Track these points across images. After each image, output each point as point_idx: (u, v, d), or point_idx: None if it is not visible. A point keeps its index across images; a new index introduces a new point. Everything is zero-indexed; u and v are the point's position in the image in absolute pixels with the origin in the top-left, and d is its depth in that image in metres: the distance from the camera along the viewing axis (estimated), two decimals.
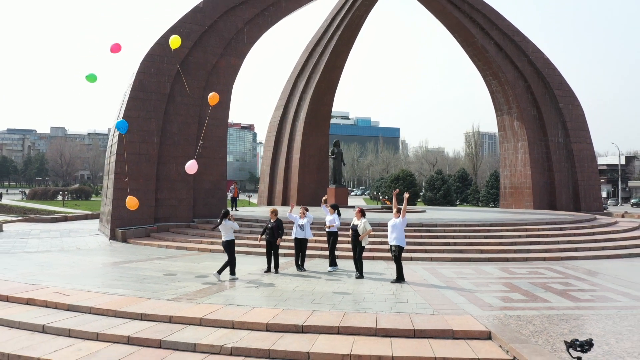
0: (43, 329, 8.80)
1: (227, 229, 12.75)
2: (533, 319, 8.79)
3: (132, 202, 14.62)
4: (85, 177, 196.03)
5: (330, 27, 35.48)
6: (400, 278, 12.12)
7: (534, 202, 33.51)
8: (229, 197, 29.88)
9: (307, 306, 9.69)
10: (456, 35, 33.84)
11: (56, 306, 9.92)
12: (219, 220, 12.88)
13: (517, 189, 34.88)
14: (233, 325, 8.61)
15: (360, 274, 12.75)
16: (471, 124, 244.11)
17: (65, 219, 33.40)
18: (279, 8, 26.61)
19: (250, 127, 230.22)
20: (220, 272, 12.61)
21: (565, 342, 5.99)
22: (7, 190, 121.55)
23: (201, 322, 8.77)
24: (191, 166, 15.20)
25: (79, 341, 8.27)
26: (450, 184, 76.90)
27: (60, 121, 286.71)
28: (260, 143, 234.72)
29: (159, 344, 8.00)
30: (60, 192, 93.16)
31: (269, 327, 8.46)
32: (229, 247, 12.76)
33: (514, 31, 33.34)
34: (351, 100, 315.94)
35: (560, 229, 20.45)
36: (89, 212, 37.67)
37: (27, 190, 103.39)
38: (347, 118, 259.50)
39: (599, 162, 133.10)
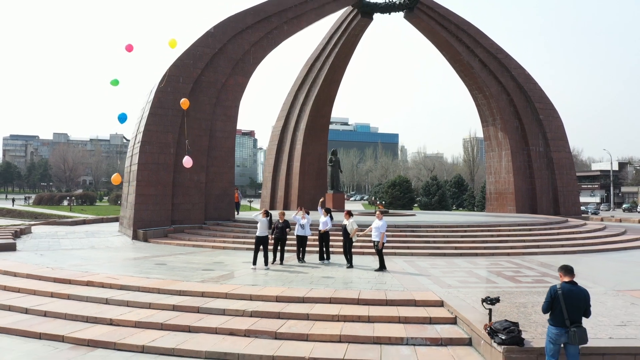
0: (106, 301, 11.60)
1: (265, 227, 15.56)
2: (478, 293, 11.56)
3: (116, 178, 17.39)
4: (88, 182, 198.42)
5: (328, 45, 38.40)
6: (382, 267, 14.88)
7: (517, 207, 36.26)
8: None
9: (307, 286, 12.49)
10: (444, 53, 36.74)
11: (111, 286, 12.71)
12: (269, 218, 15.77)
13: (502, 194, 37.67)
14: (251, 298, 11.41)
15: (350, 265, 15.54)
16: (469, 130, 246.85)
17: (84, 222, 36.13)
18: (282, 31, 29.49)
19: (250, 133, 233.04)
20: (267, 262, 15.59)
21: (481, 299, 8.80)
22: (6, 196, 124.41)
23: (226, 296, 11.57)
24: (187, 161, 18.21)
25: (136, 309, 11.06)
26: (445, 190, 79.54)
27: (62, 127, 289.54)
28: (261, 149, 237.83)
29: (197, 310, 10.80)
30: (68, 198, 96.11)
31: (278, 299, 11.25)
32: (263, 241, 15.54)
33: (497, 49, 36.24)
34: (350, 107, 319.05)
35: (529, 229, 23.26)
36: (104, 217, 40.46)
37: (32, 196, 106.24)
38: (346, 124, 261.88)
39: (592, 168, 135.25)
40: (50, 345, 9.38)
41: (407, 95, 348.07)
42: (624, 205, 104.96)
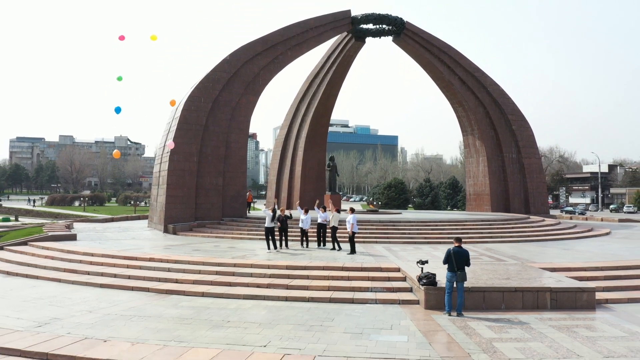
0: (168, 269, 16.73)
1: (270, 219, 20.63)
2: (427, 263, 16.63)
3: (117, 153, 22.34)
4: (93, 183, 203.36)
5: (326, 64, 43.51)
6: (352, 251, 19.74)
7: (492, 207, 41.30)
8: None
9: (307, 260, 17.61)
10: (428, 72, 41.83)
11: (167, 261, 17.81)
12: (274, 214, 20.80)
13: (479, 195, 42.73)
14: (269, 267, 16.52)
15: (339, 248, 20.60)
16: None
17: (112, 219, 41.25)
18: (286, 56, 34.59)
19: (252, 136, 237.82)
20: (276, 247, 20.59)
21: (417, 261, 13.89)
22: (8, 197, 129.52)
23: (251, 266, 16.67)
24: (170, 144, 23.56)
25: (191, 274, 16.17)
26: (438, 191, 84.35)
27: (68, 129, 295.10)
28: (262, 150, 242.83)
29: (233, 274, 15.93)
30: (82, 199, 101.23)
31: (288, 267, 16.37)
32: (270, 231, 20.57)
33: (474, 68, 41.31)
34: (351, 109, 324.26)
35: (490, 224, 28.35)
36: (129, 215, 45.60)
37: (45, 197, 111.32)
38: (346, 126, 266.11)
39: (584, 170, 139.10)
40: (141, 293, 14.51)
41: (407, 97, 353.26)
42: (611, 206, 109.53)
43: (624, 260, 18.02)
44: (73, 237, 24.67)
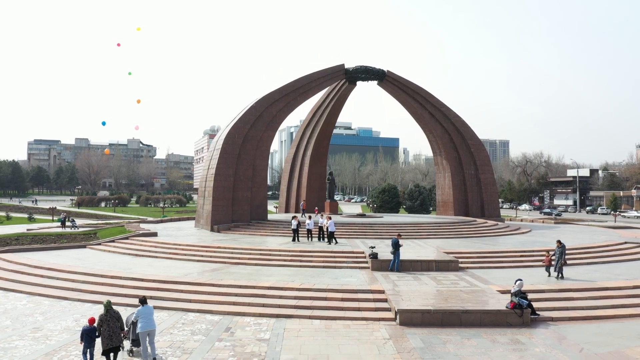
0: (231, 252, 29.01)
1: (295, 224, 32.89)
2: (382, 248, 28.72)
3: (107, 150, 34.43)
4: (108, 184, 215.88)
5: (326, 100, 55.78)
6: (336, 242, 31.95)
7: (455, 212, 53.33)
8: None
9: (310, 247, 29.82)
10: (405, 107, 53.92)
11: (229, 248, 30.02)
12: (296, 221, 33.11)
13: (446, 203, 54.81)
14: (289, 251, 28.73)
15: (329, 242, 32.76)
16: None
17: (161, 221, 53.50)
18: (296, 101, 46.76)
19: None
20: (294, 240, 32.85)
21: (369, 246, 26.09)
22: (11, 198, 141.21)
23: (279, 251, 28.87)
24: (136, 127, 36.06)
25: (245, 254, 28.41)
26: (426, 195, 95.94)
27: (83, 132, 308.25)
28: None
29: (269, 254, 28.21)
30: (111, 200, 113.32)
31: (300, 251, 28.58)
32: (295, 230, 32.83)
33: (440, 104, 53.33)
34: (354, 111, 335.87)
35: (439, 226, 40.43)
36: (172, 217, 57.89)
37: (73, 198, 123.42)
38: (349, 128, 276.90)
39: (567, 174, 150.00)
40: (221, 264, 26.73)
41: None
42: (587, 208, 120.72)
43: (497, 248, 30.25)
44: (155, 234, 36.90)
